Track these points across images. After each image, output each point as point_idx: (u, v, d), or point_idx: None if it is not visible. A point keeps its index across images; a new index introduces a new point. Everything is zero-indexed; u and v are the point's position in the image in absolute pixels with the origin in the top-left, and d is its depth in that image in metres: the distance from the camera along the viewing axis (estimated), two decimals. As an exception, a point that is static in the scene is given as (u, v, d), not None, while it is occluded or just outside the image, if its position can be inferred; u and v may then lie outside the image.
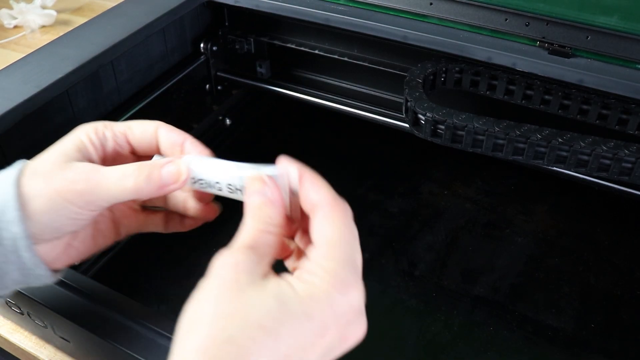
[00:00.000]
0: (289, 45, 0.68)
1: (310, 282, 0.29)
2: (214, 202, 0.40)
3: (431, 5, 0.56)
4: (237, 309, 0.28)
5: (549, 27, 0.52)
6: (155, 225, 0.41)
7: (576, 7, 0.51)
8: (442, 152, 0.64)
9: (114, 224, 0.40)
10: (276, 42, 0.69)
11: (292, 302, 0.28)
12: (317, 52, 0.67)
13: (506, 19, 0.54)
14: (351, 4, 0.60)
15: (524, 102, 0.56)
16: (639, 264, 0.57)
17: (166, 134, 0.38)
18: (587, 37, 0.51)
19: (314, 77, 0.72)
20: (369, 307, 0.35)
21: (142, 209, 0.41)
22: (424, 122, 0.54)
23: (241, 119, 0.76)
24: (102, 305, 0.43)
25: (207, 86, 0.73)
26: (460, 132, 0.52)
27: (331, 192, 0.32)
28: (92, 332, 0.42)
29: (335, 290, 0.28)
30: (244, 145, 0.74)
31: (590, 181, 0.58)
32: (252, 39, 0.70)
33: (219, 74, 0.73)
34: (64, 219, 0.34)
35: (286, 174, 0.33)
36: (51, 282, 0.38)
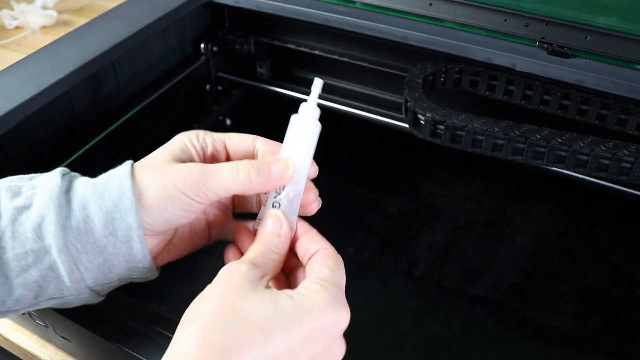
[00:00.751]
0: (289, 45, 0.68)
1: (307, 296, 0.32)
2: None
3: (431, 5, 0.57)
4: (237, 308, 0.31)
5: (548, 27, 0.52)
6: None
7: (575, 7, 0.51)
8: (441, 152, 0.64)
9: (208, 226, 0.42)
10: (276, 42, 0.69)
11: (289, 309, 0.31)
12: (317, 52, 0.67)
13: (505, 20, 0.54)
14: (351, 5, 0.60)
15: (523, 102, 0.56)
16: (638, 264, 0.57)
17: (264, 144, 0.42)
18: (586, 38, 0.51)
19: (313, 77, 0.72)
20: (369, 307, 0.35)
21: (233, 217, 0.44)
22: (423, 122, 0.54)
23: (241, 119, 0.76)
24: (102, 305, 0.43)
25: (208, 86, 0.73)
26: (459, 132, 0.52)
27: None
28: (93, 331, 0.42)
29: (329, 306, 0.32)
30: (244, 145, 0.74)
31: (589, 181, 0.58)
32: (252, 40, 0.70)
33: (219, 74, 0.73)
34: (176, 209, 0.36)
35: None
36: (152, 277, 0.40)
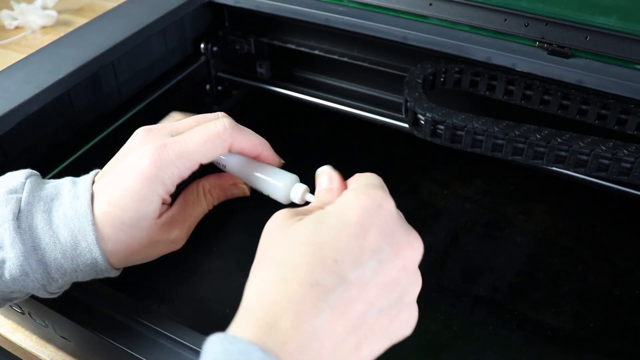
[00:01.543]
0: (289, 45, 0.68)
1: (340, 201, 0.33)
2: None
3: (431, 5, 0.57)
4: (283, 237, 0.32)
5: (548, 27, 0.52)
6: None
7: (575, 7, 0.51)
8: (441, 152, 0.64)
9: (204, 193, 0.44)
10: (276, 42, 0.69)
11: (328, 217, 0.32)
12: (317, 52, 0.67)
13: (505, 20, 0.54)
14: (351, 5, 0.60)
15: (523, 102, 0.56)
16: (638, 264, 0.57)
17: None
18: (587, 38, 0.51)
19: (314, 77, 0.72)
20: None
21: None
22: (423, 122, 0.54)
23: (241, 120, 0.76)
24: (102, 304, 0.43)
25: (208, 86, 0.73)
26: (459, 132, 0.52)
27: None
28: (93, 331, 0.42)
29: (362, 194, 0.33)
30: (244, 145, 0.74)
31: (589, 181, 0.58)
32: (252, 40, 0.70)
33: (219, 74, 0.73)
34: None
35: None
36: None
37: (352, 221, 0.31)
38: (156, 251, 0.41)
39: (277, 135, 0.77)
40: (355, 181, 0.36)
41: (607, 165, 0.50)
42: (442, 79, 0.58)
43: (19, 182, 0.38)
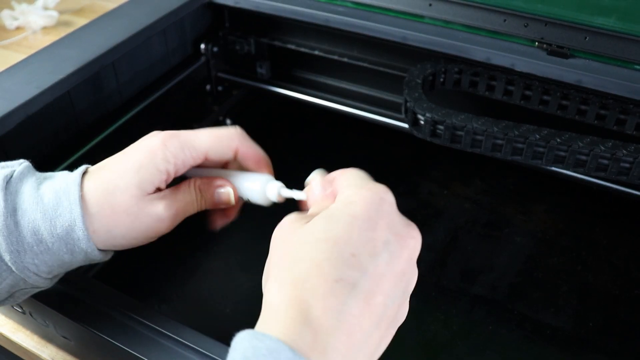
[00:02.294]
0: (289, 46, 0.68)
1: (342, 199, 0.34)
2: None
3: (430, 6, 0.57)
4: (297, 237, 0.32)
5: (547, 27, 0.53)
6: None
7: (574, 8, 0.51)
8: (441, 152, 0.64)
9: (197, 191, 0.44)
10: (276, 43, 0.69)
11: (337, 213, 0.32)
12: (316, 52, 0.67)
13: (505, 20, 0.54)
14: (351, 5, 0.60)
15: (522, 102, 0.56)
16: (637, 264, 0.58)
17: (246, 150, 0.44)
18: (586, 38, 0.51)
19: (314, 77, 0.72)
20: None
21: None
22: (423, 123, 0.54)
23: (241, 120, 0.76)
24: (103, 304, 0.43)
25: (208, 87, 0.73)
26: (459, 133, 0.53)
27: None
28: (94, 331, 0.42)
29: (362, 188, 0.34)
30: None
31: (588, 181, 0.58)
32: (252, 40, 0.70)
33: (219, 74, 0.73)
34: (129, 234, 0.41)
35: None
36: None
37: (360, 215, 0.32)
38: (139, 225, 0.40)
39: (277, 135, 0.78)
40: (345, 178, 0.36)
41: (606, 165, 0.50)
42: (441, 79, 0.58)
43: (17, 162, 0.40)
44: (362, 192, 0.33)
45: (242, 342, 0.28)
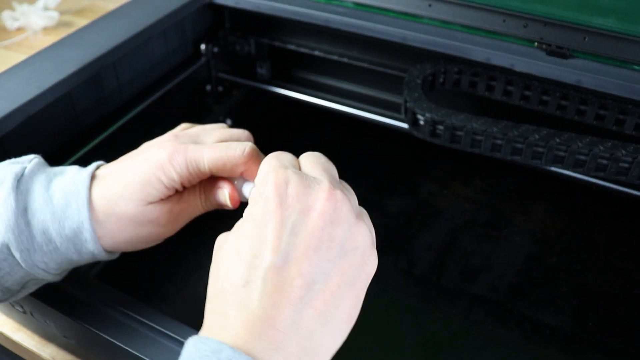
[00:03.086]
0: (289, 46, 0.69)
1: (250, 201, 0.35)
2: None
3: (430, 6, 0.57)
4: (217, 257, 0.35)
5: (546, 28, 0.53)
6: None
7: (574, 8, 0.52)
8: (441, 152, 0.64)
9: (200, 195, 0.45)
10: (276, 43, 0.69)
11: (243, 222, 0.34)
12: (316, 53, 0.67)
13: (504, 20, 0.54)
14: (350, 6, 0.60)
15: (522, 102, 0.56)
16: (636, 263, 0.58)
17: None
18: (585, 38, 0.51)
19: (314, 78, 0.72)
20: (369, 306, 0.35)
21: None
22: (423, 123, 0.54)
23: (241, 120, 0.76)
24: (104, 304, 0.43)
25: (208, 87, 0.73)
26: (459, 133, 0.53)
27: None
28: (95, 330, 0.42)
29: (259, 176, 0.36)
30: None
31: (588, 181, 0.58)
32: (252, 40, 0.70)
33: (219, 75, 0.73)
34: (134, 240, 0.42)
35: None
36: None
37: (259, 213, 0.33)
38: (143, 231, 0.41)
39: (277, 135, 0.78)
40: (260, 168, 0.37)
41: (606, 165, 0.50)
42: (441, 80, 0.59)
43: (28, 158, 0.41)
44: (259, 184, 0.35)
45: (188, 347, 0.30)
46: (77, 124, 0.56)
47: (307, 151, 0.42)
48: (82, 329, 0.43)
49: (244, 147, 0.41)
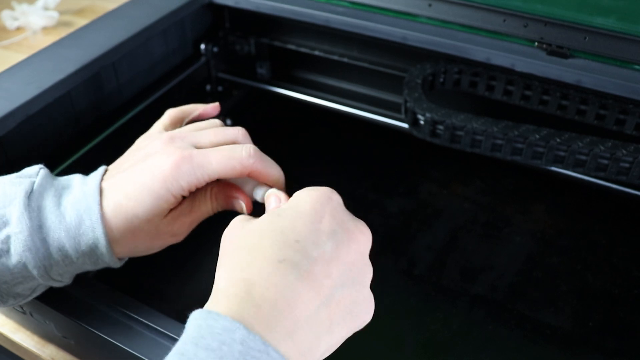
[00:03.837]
0: (289, 46, 0.69)
1: (292, 199, 0.36)
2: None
3: (430, 6, 0.57)
4: (244, 232, 0.34)
5: (547, 28, 0.53)
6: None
7: (574, 8, 0.52)
8: (441, 152, 0.64)
9: (210, 199, 0.45)
10: (276, 43, 0.69)
11: (283, 210, 0.35)
12: (316, 53, 0.67)
13: (504, 20, 0.54)
14: (350, 6, 0.60)
15: (522, 102, 0.56)
16: (636, 263, 0.58)
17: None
18: (585, 38, 0.51)
19: (314, 78, 0.72)
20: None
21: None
22: (423, 123, 0.54)
23: (241, 120, 0.76)
24: (104, 304, 0.43)
25: (208, 87, 0.73)
26: (459, 133, 0.53)
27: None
28: (94, 330, 0.42)
29: (312, 190, 0.36)
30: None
31: (588, 181, 0.58)
32: (252, 40, 0.70)
33: (219, 75, 0.73)
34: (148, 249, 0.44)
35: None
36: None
37: (306, 210, 0.34)
38: (158, 243, 0.43)
39: (277, 135, 0.78)
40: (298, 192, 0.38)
41: (606, 165, 0.50)
42: (441, 80, 0.59)
43: (34, 170, 0.41)
44: (311, 192, 0.36)
45: (196, 320, 0.29)
46: (76, 124, 0.56)
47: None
48: (82, 329, 0.43)
49: (249, 149, 0.42)
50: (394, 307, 0.54)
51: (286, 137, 0.75)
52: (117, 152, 0.60)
